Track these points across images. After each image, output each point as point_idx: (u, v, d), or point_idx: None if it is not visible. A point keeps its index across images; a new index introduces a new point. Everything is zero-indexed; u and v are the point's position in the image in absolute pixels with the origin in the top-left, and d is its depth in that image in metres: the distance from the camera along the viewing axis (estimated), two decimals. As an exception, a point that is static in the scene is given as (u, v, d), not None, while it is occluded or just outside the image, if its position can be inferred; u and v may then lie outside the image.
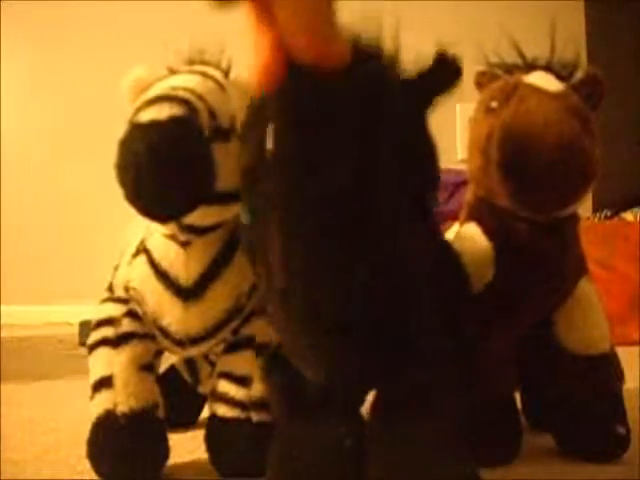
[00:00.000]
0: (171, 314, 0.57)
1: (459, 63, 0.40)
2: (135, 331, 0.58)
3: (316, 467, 0.42)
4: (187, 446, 0.66)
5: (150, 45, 1.51)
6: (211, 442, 0.59)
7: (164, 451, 0.57)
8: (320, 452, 0.43)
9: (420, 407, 0.40)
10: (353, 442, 0.42)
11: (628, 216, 1.57)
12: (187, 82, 0.52)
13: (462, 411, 0.42)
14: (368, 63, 0.35)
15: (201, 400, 0.73)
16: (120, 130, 0.48)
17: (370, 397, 0.45)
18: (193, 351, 0.61)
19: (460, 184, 1.32)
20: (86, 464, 0.55)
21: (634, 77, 1.68)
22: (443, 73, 0.39)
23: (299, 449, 0.44)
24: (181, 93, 0.50)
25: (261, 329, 0.59)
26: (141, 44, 1.91)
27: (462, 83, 0.40)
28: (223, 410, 0.58)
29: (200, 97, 0.51)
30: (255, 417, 0.57)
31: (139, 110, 0.48)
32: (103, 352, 0.57)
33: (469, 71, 0.63)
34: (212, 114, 0.51)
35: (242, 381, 0.58)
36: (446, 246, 0.54)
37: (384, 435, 0.41)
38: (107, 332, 0.58)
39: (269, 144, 0.33)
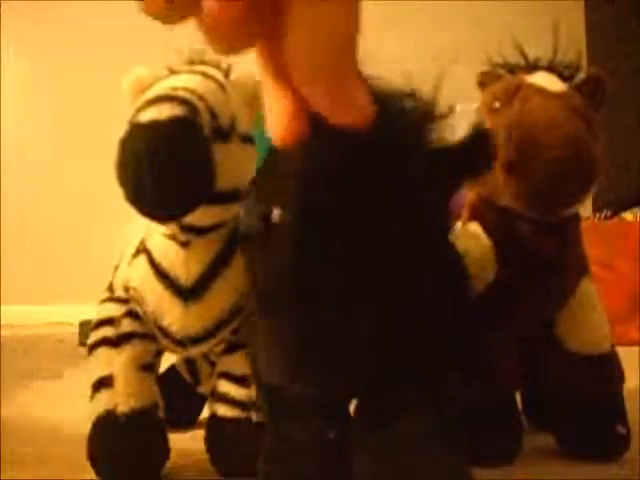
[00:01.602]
0: (171, 314, 0.57)
1: (494, 144, 0.36)
2: (135, 331, 0.58)
3: (300, 461, 0.42)
4: (187, 446, 0.66)
5: (150, 45, 1.51)
6: (211, 442, 0.59)
7: (164, 451, 0.57)
8: (304, 446, 0.43)
9: (409, 412, 0.40)
10: (337, 436, 0.42)
11: (628, 216, 1.56)
12: (187, 82, 0.52)
13: (456, 413, 0.42)
14: (394, 121, 0.33)
15: (201, 400, 0.73)
16: (120, 130, 0.48)
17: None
18: (193, 351, 0.61)
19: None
20: (86, 464, 0.55)
21: (634, 77, 1.68)
22: (480, 152, 0.36)
23: (284, 445, 0.44)
24: (181, 93, 0.50)
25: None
26: (141, 44, 1.91)
27: (461, 83, 0.38)
28: (223, 410, 0.58)
29: (200, 97, 0.51)
30: (255, 417, 0.57)
31: (139, 110, 0.48)
32: (103, 352, 0.58)
33: (470, 71, 0.63)
34: (212, 114, 0.51)
35: (242, 381, 0.58)
36: (451, 250, 0.53)
37: (369, 438, 0.40)
38: (107, 332, 0.58)
39: (275, 217, 0.33)
